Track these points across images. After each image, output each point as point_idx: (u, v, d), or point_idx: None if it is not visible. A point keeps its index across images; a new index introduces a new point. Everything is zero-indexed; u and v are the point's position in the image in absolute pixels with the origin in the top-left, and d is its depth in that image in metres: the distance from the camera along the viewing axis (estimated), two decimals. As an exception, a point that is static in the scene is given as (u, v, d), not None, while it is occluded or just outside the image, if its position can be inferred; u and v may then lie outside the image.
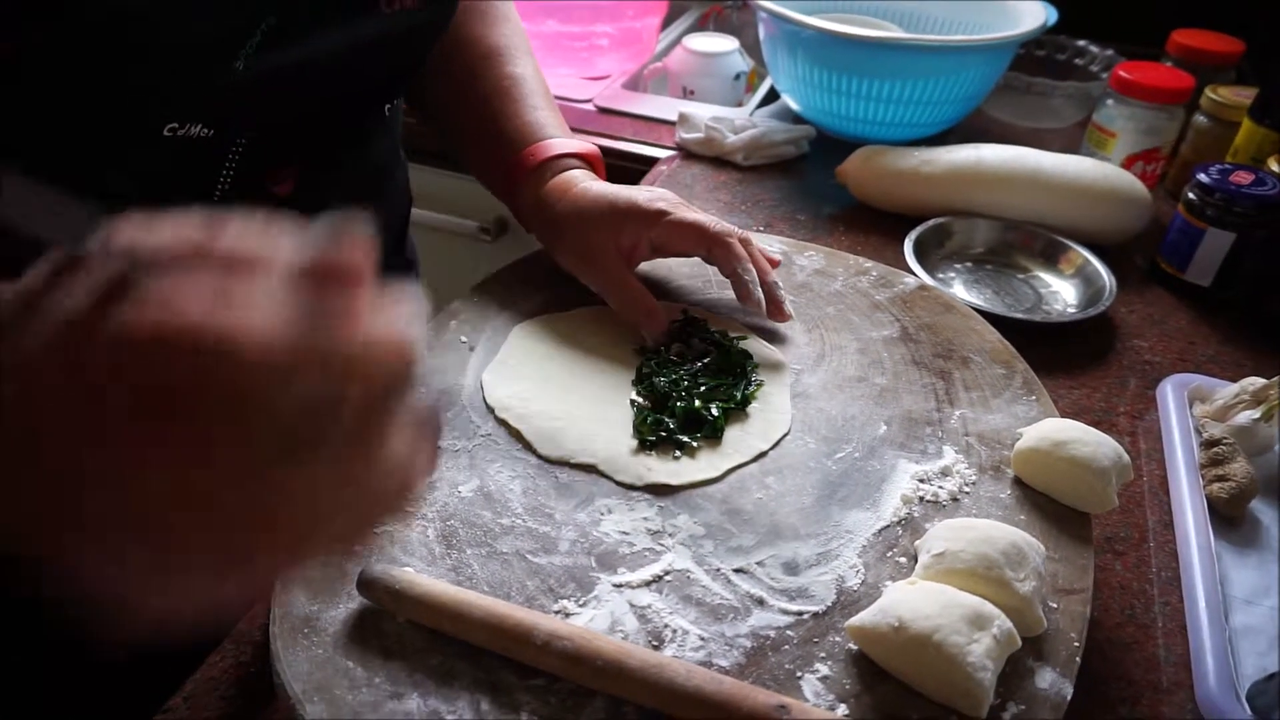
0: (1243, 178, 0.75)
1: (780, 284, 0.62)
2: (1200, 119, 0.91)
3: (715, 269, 0.63)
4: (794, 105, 1.07)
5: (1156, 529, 0.58)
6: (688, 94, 1.18)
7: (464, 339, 0.61)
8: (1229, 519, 0.58)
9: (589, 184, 0.63)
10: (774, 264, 0.64)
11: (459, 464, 0.51)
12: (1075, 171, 0.83)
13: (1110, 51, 1.11)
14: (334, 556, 0.32)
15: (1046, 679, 0.42)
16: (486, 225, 1.14)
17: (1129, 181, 0.82)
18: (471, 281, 0.67)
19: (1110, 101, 0.91)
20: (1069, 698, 0.41)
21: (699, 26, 1.37)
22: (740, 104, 1.18)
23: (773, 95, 1.16)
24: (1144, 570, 0.56)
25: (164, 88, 0.41)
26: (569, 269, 0.64)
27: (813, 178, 1.00)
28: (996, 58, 0.95)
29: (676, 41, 1.30)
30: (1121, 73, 0.89)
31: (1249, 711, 0.45)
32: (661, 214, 0.60)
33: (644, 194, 0.61)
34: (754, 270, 0.60)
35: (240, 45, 0.43)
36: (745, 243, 0.61)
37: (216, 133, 0.45)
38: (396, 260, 0.69)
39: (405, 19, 0.52)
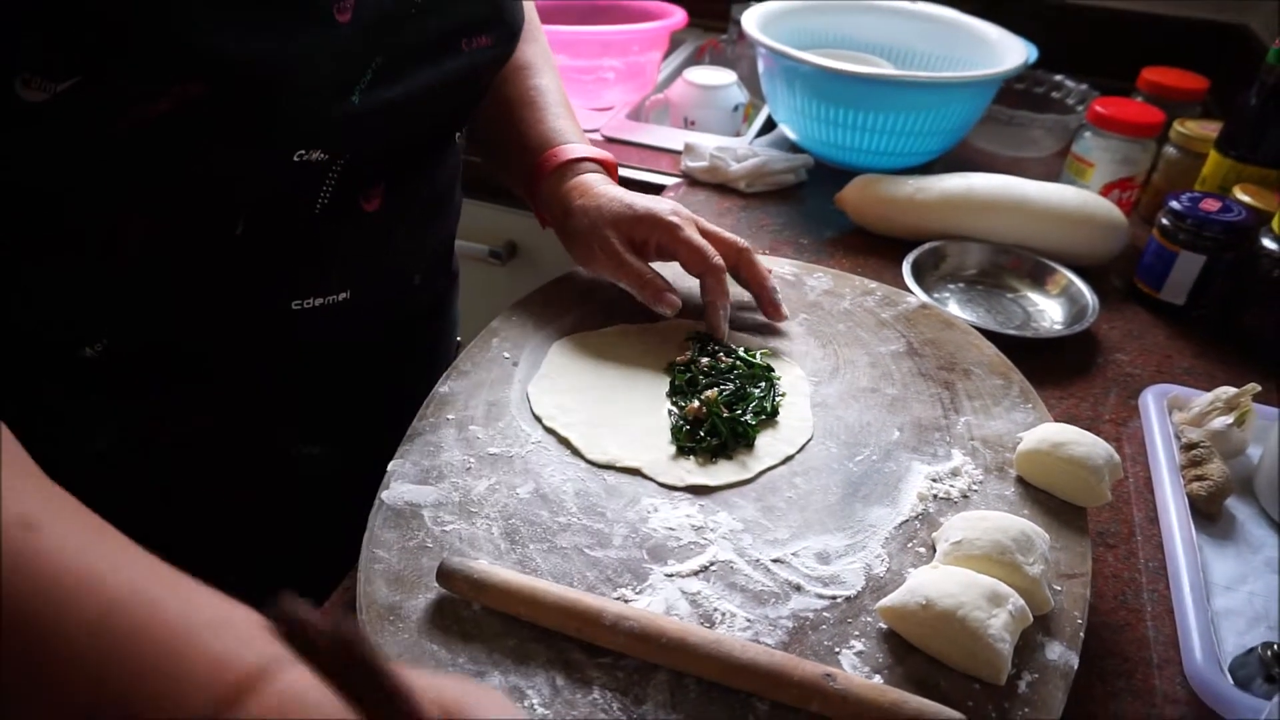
0: (1211, 205, 0.82)
1: (778, 289, 0.69)
2: (1170, 150, 0.98)
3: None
4: (791, 135, 1.13)
5: (1143, 524, 0.64)
6: (689, 124, 1.24)
7: (507, 355, 0.65)
8: (1208, 515, 0.63)
9: (607, 186, 0.70)
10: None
11: (514, 469, 0.56)
12: (1058, 198, 0.90)
13: (1085, 86, 1.18)
14: None
15: (1055, 651, 0.47)
16: (497, 249, 1.19)
17: (1107, 208, 0.89)
18: (484, 303, 0.73)
19: (1088, 134, 0.98)
20: (1075, 668, 0.46)
21: (695, 59, 1.44)
22: (738, 134, 1.25)
23: (770, 125, 1.23)
24: (1133, 561, 0.61)
25: (299, 121, 0.48)
26: (582, 261, 0.70)
27: (811, 204, 1.06)
28: (982, 92, 1.02)
29: (674, 74, 1.36)
30: (1098, 108, 0.96)
31: (1232, 682, 0.51)
32: (675, 228, 0.66)
33: (662, 204, 0.68)
34: (728, 307, 0.67)
35: (357, 82, 0.50)
36: (746, 260, 0.68)
37: (330, 157, 0.51)
38: (443, 273, 0.75)
39: (479, 55, 0.60)
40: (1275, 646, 0.52)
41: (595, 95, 1.21)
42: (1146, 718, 0.51)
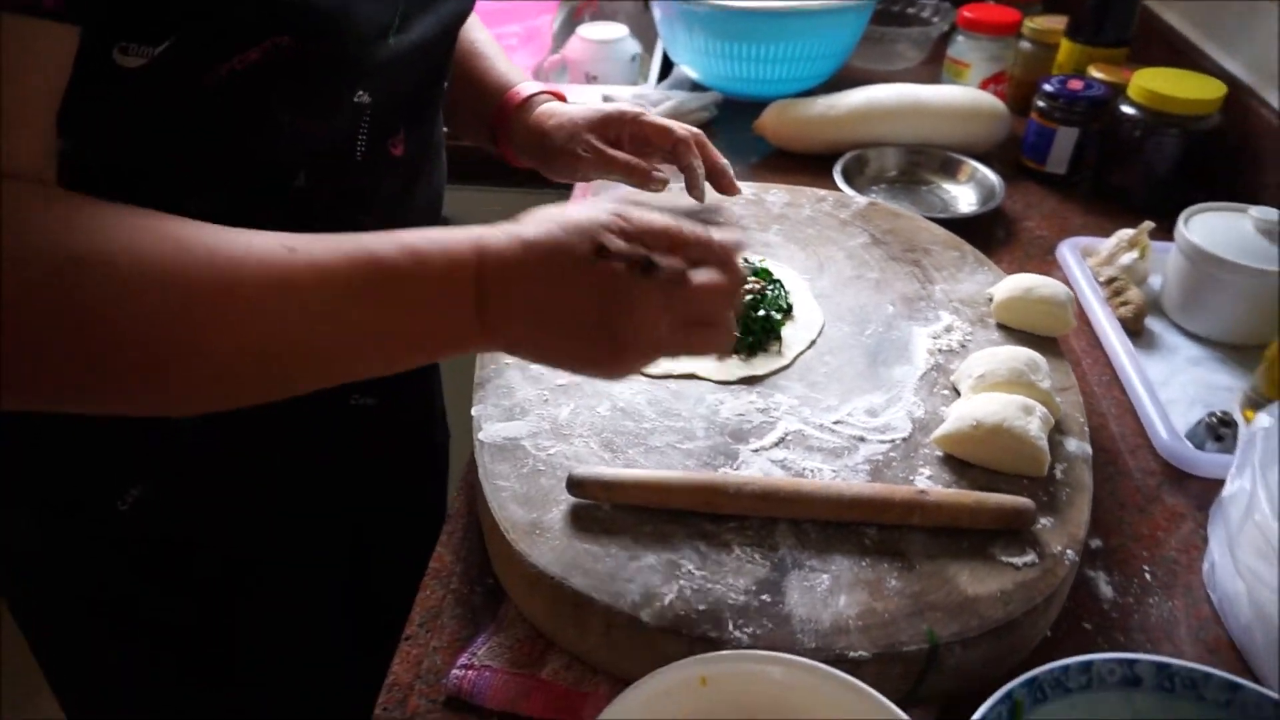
0: (1076, 84, 0.96)
1: (730, 167, 0.75)
2: (1025, 45, 1.13)
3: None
4: (694, 75, 1.20)
5: (1086, 350, 0.77)
6: (590, 79, 1.28)
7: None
8: (1134, 332, 0.77)
9: (569, 106, 0.77)
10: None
11: (585, 393, 0.61)
12: (949, 97, 1.02)
13: (937, -1, 1.32)
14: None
15: (1073, 444, 0.58)
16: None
17: (991, 100, 1.02)
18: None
19: (960, 38, 1.11)
20: (1091, 454, 0.57)
21: (575, 18, 1.48)
22: (636, 83, 1.31)
23: (666, 71, 1.30)
24: (1089, 380, 0.74)
25: (357, 62, 0.51)
26: (566, 172, 0.75)
27: (727, 135, 1.13)
28: (863, 13, 1.13)
29: (560, 35, 1.40)
30: (966, 13, 1.09)
31: (1191, 446, 0.64)
32: (640, 114, 0.74)
33: (623, 104, 0.75)
34: (703, 167, 0.73)
35: (391, 26, 0.54)
36: (700, 141, 0.75)
37: (372, 99, 0.55)
38: (441, 224, 0.78)
39: (462, 2, 0.64)
40: (1217, 414, 0.65)
41: (498, 62, 1.24)
42: (1136, 490, 0.63)
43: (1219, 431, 0.64)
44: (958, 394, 0.62)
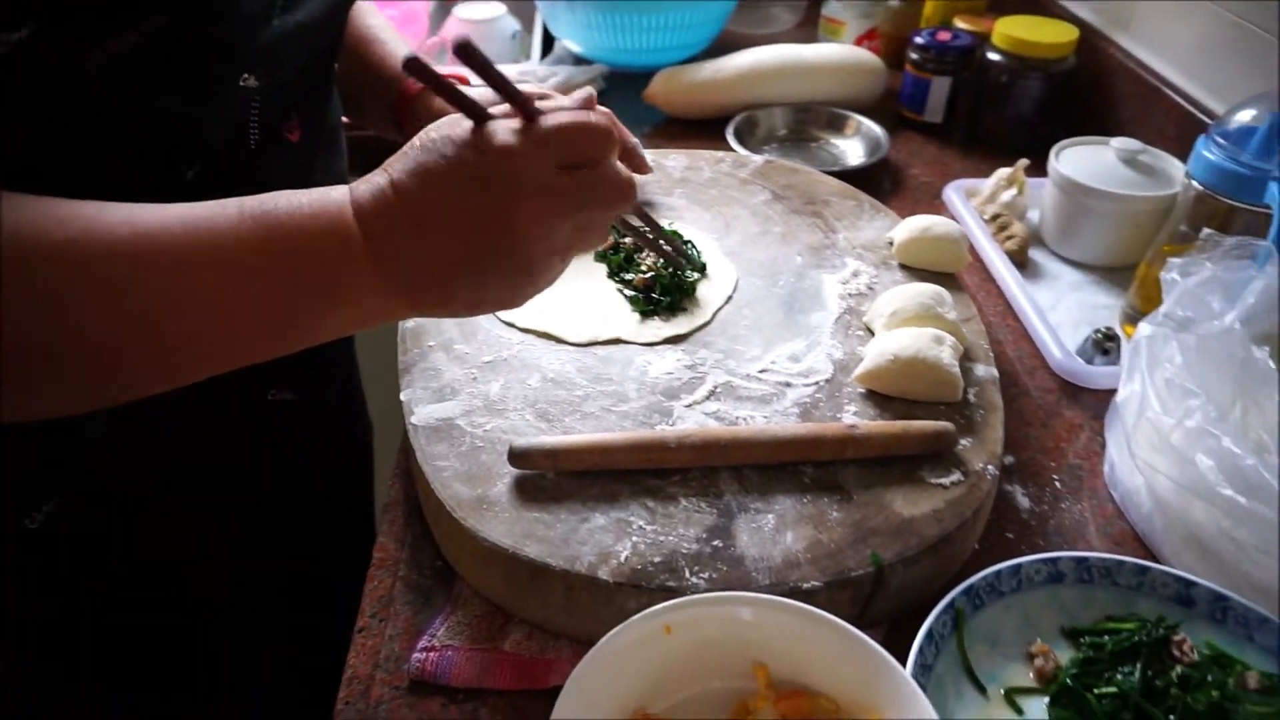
0: (945, 35, 1.01)
1: (640, 145, 0.76)
2: (893, 1, 1.17)
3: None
4: (577, 49, 1.20)
5: (980, 285, 0.82)
6: (472, 59, 1.26)
7: (448, 282, 0.69)
8: (1020, 264, 0.82)
9: (470, 90, 0.74)
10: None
11: (513, 368, 0.61)
12: (829, 55, 1.05)
13: (805, -39, 1.35)
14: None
15: (981, 370, 0.62)
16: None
17: (869, 57, 1.06)
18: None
19: (834, -2, 1.15)
20: (998, 376, 0.61)
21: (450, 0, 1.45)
22: (519, 60, 1.29)
23: (548, 47, 1.29)
24: (985, 312, 0.78)
25: (238, 44, 0.50)
26: None
27: (617, 106, 1.12)
28: (738, -22, 1.15)
29: (439, 16, 1.37)
30: (837, -27, 1.12)
31: (1082, 362, 0.69)
32: (546, 95, 0.72)
33: (526, 84, 0.74)
34: None
35: (274, 6, 0.52)
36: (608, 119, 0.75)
37: (260, 82, 0.53)
38: None
39: None
40: (1101, 330, 0.71)
41: (375, 47, 1.20)
42: (1037, 407, 0.68)
43: (1105, 346, 0.70)
44: (872, 333, 0.64)
